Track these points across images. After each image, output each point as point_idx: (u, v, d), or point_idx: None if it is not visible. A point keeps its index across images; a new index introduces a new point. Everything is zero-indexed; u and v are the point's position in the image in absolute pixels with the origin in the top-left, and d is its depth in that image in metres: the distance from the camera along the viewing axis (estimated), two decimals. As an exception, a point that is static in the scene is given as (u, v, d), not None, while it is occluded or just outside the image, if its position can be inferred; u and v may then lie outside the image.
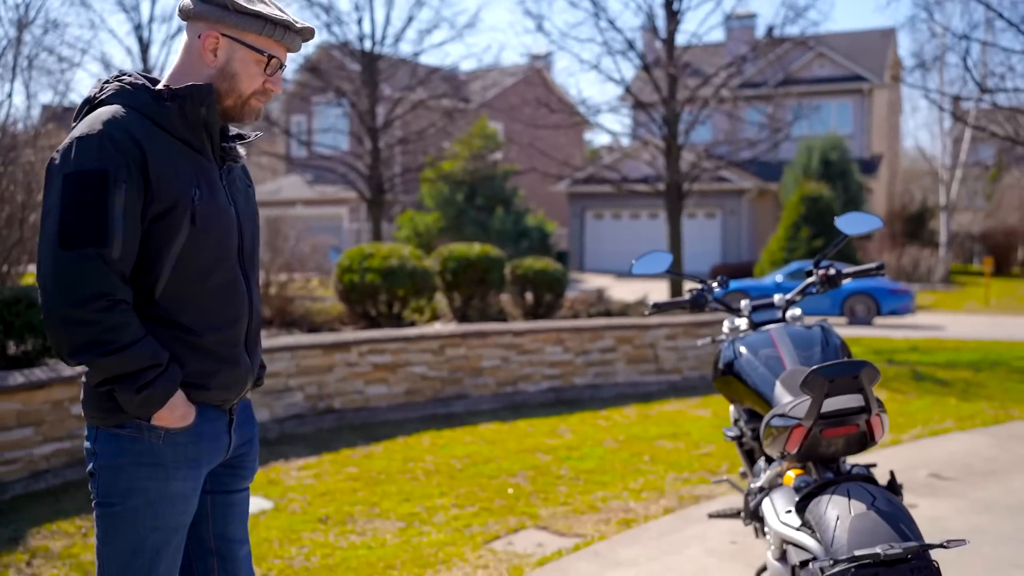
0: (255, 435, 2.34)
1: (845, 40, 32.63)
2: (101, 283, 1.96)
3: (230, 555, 2.27)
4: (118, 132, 2.00)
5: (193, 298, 2.09)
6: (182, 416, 2.07)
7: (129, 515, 2.07)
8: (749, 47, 14.75)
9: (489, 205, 27.76)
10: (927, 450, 6.46)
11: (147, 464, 2.07)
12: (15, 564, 4.30)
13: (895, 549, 2.41)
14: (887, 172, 33.52)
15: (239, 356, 2.17)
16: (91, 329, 1.95)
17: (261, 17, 2.09)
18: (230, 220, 2.15)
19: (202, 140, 2.11)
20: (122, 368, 1.98)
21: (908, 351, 12.42)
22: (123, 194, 1.97)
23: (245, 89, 2.13)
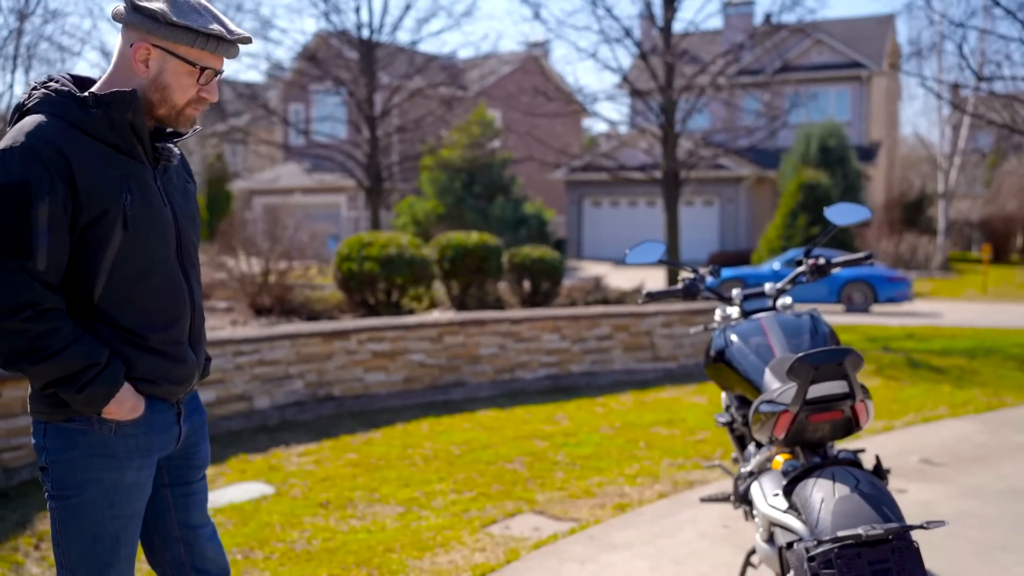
0: (204, 424, 2.42)
1: (843, 27, 32.62)
2: (25, 294, 1.99)
3: (194, 540, 2.36)
4: (41, 143, 2.01)
5: (133, 301, 2.14)
6: (132, 408, 2.13)
7: (87, 506, 2.14)
8: (746, 35, 14.77)
9: (488, 193, 27.81)
10: (919, 436, 6.55)
11: (100, 455, 2.14)
12: (23, 547, 4.40)
13: (876, 530, 2.49)
14: (885, 159, 33.57)
15: (184, 353, 2.23)
16: (22, 338, 2.00)
17: (192, 30, 2.08)
18: (166, 221, 2.18)
19: (132, 144, 2.13)
20: (58, 372, 2.04)
21: (904, 338, 12.51)
22: (47, 206, 2.00)
23: (178, 100, 2.15)
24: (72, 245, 2.07)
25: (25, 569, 4.14)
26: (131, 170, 2.13)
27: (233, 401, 6.81)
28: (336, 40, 17.42)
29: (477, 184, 27.71)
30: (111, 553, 2.18)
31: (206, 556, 2.38)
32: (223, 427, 6.68)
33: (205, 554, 2.38)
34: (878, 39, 32.38)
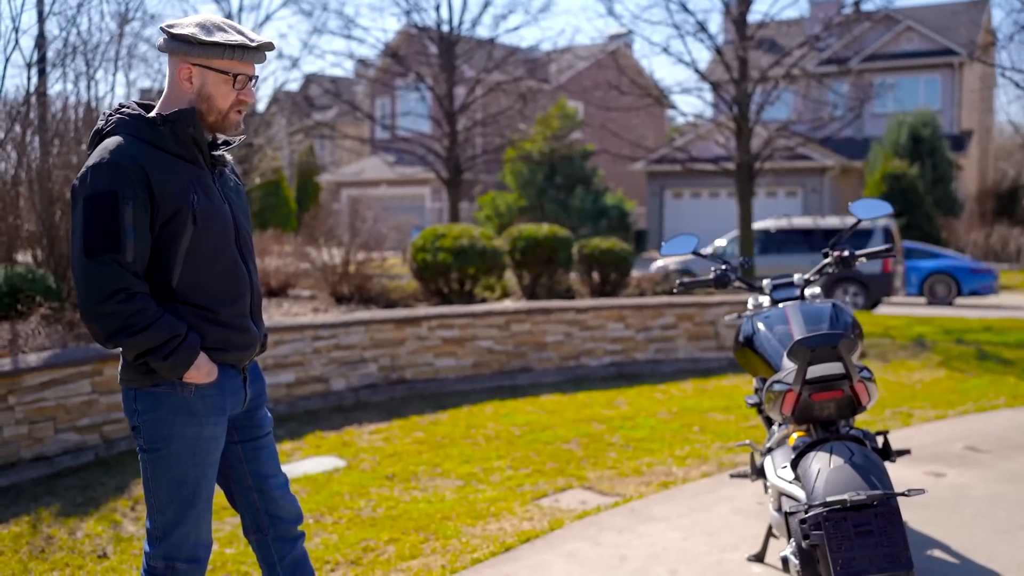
0: (264, 391, 2.84)
1: (934, 13, 31.81)
2: (119, 281, 2.45)
3: (266, 488, 2.78)
4: (122, 158, 2.46)
5: (204, 283, 2.57)
6: (207, 374, 2.56)
7: (173, 457, 2.58)
8: (822, 24, 14.72)
9: (569, 185, 28.07)
10: (969, 424, 6.65)
11: (183, 414, 2.57)
12: (120, 508, 4.92)
13: (860, 496, 2.77)
14: (978, 149, 32.65)
15: (247, 324, 2.67)
16: (116, 318, 2.45)
17: (219, 45, 2.50)
18: (225, 215, 2.62)
19: (194, 153, 2.57)
20: (148, 343, 2.47)
21: (980, 330, 12.38)
22: (131, 208, 2.45)
23: (222, 106, 2.57)
24: (153, 240, 2.52)
25: (122, 527, 4.65)
26: (195, 175, 2.57)
27: (311, 383, 7.30)
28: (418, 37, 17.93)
29: (558, 176, 27.99)
30: (194, 495, 2.62)
31: (278, 503, 2.80)
32: (301, 406, 7.18)
33: (277, 501, 2.80)
34: (971, 25, 31.48)
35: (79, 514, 4.82)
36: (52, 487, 5.28)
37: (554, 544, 4.28)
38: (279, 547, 2.81)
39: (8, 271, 6.86)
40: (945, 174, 26.96)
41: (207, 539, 2.69)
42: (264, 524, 2.80)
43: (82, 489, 5.25)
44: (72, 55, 8.66)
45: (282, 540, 2.81)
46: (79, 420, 5.79)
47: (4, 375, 5.38)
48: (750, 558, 4.01)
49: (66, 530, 4.58)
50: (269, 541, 2.81)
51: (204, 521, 2.66)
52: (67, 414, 5.72)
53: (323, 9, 17.22)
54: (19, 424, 5.47)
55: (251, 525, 2.82)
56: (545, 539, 4.35)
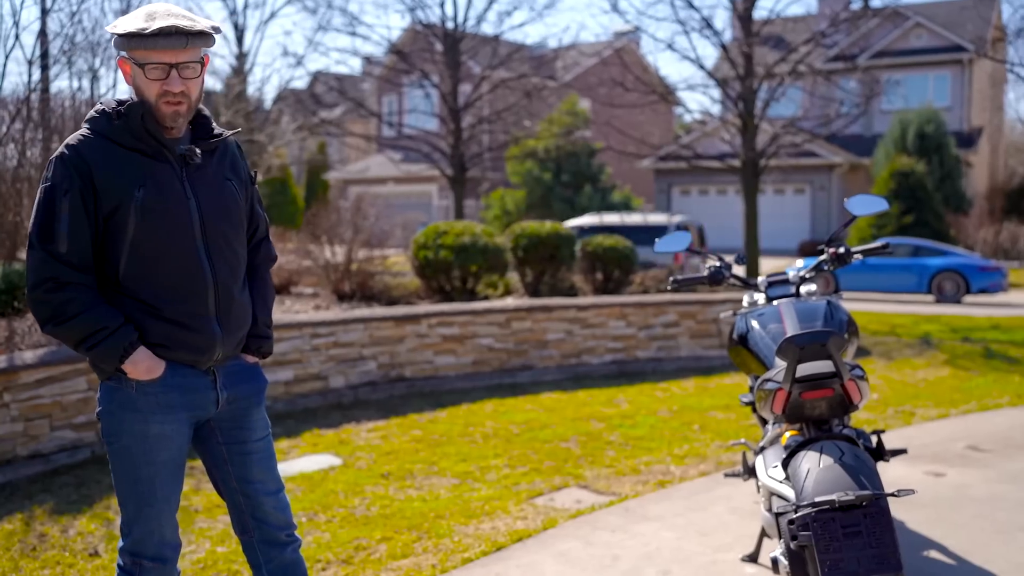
0: (256, 394, 2.73)
1: (943, 9, 31.63)
2: (49, 271, 2.46)
3: (253, 493, 2.71)
4: (69, 151, 2.49)
5: (149, 277, 2.52)
6: (147, 370, 2.50)
7: (124, 452, 2.56)
8: (829, 21, 14.62)
9: (576, 182, 28.01)
10: (972, 424, 6.59)
11: (128, 410, 2.54)
12: (114, 507, 4.91)
13: (849, 496, 2.72)
14: (988, 146, 32.47)
15: (203, 325, 2.55)
16: (46, 306, 2.48)
17: (121, 36, 2.45)
18: (182, 211, 2.53)
19: (154, 147, 2.52)
20: (75, 333, 2.47)
21: (988, 329, 12.29)
22: (68, 201, 2.45)
23: (150, 96, 2.49)
24: (100, 232, 2.50)
25: (115, 525, 4.63)
26: (150, 169, 2.51)
27: (310, 380, 7.28)
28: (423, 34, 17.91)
29: (565, 173, 27.94)
30: (149, 493, 2.57)
31: (264, 508, 2.73)
32: (300, 404, 7.16)
33: (264, 507, 2.72)
34: (981, 21, 31.29)
35: (72, 512, 4.80)
36: (47, 485, 5.26)
37: (546, 544, 4.24)
38: (264, 550, 2.76)
39: (6, 268, 6.85)
40: (953, 171, 26.80)
41: (173, 539, 2.65)
42: (249, 526, 2.75)
43: (77, 487, 5.23)
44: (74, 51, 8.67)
45: (268, 543, 2.76)
46: (75, 417, 5.78)
47: (0, 372, 5.37)
48: (744, 558, 3.96)
49: (59, 528, 4.56)
50: (255, 543, 2.76)
51: (167, 521, 2.62)
52: (63, 411, 5.71)
53: (328, 6, 17.19)
54: (15, 421, 5.45)
55: (237, 525, 2.78)
56: (537, 538, 4.31)
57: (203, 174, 2.61)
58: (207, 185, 2.61)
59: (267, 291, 2.81)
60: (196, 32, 2.46)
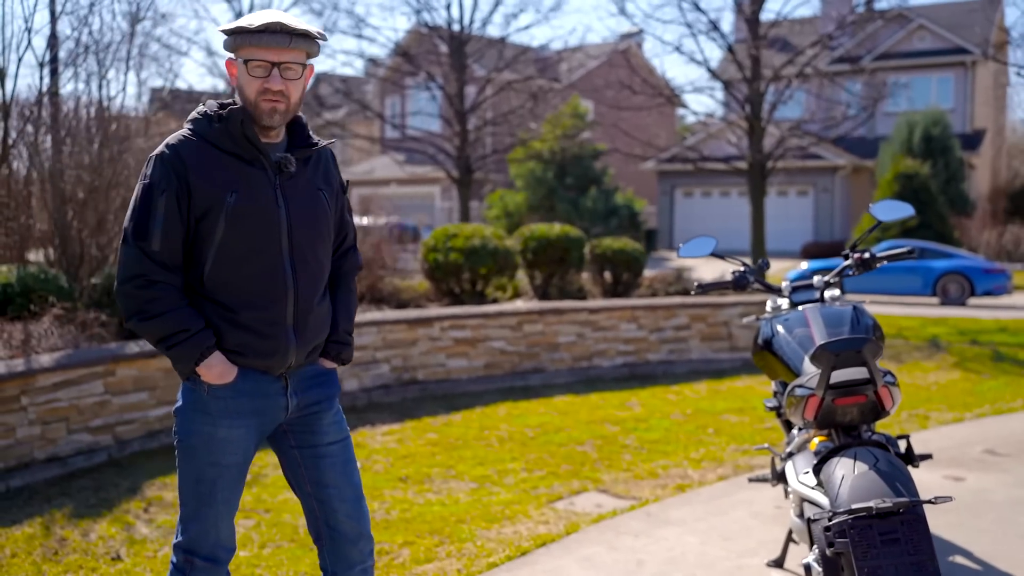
0: (327, 399, 2.72)
1: (947, 11, 31.65)
2: (139, 268, 2.50)
3: (326, 498, 2.71)
4: (169, 151, 2.52)
5: (232, 282, 2.54)
6: (219, 375, 2.53)
7: (191, 451, 2.60)
8: (836, 23, 14.63)
9: (579, 184, 28.01)
10: (987, 427, 6.59)
11: (199, 411, 2.58)
12: (134, 510, 4.90)
13: (886, 503, 2.72)
14: (991, 148, 32.47)
15: (279, 333, 2.56)
16: (133, 301, 2.51)
17: (228, 33, 2.49)
18: (271, 218, 2.54)
19: (252, 152, 2.54)
20: (157, 331, 2.51)
21: (995, 331, 12.30)
22: (164, 200, 2.49)
23: (250, 94, 2.51)
24: (191, 233, 2.53)
25: (135, 529, 4.63)
26: (245, 174, 2.54)
27: (324, 383, 7.28)
28: (429, 36, 17.90)
29: (568, 175, 27.93)
30: (209, 495, 2.60)
31: (337, 515, 2.71)
32: (314, 407, 7.16)
33: (338, 514, 2.70)
34: (984, 23, 31.29)
35: (92, 516, 4.80)
36: (65, 488, 5.26)
37: (570, 548, 4.24)
38: (333, 561, 2.74)
39: (21, 271, 6.85)
40: (957, 173, 26.79)
41: (228, 542, 2.67)
42: (322, 534, 2.75)
43: (95, 490, 5.23)
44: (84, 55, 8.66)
45: (337, 557, 2.73)
46: (92, 421, 5.78)
47: (17, 376, 5.36)
48: (770, 563, 3.96)
49: (79, 532, 4.56)
50: (326, 553, 2.76)
51: (223, 523, 2.64)
52: (80, 415, 5.71)
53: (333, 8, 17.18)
54: (32, 425, 5.45)
55: (312, 531, 2.79)
56: (561, 543, 4.31)
57: (296, 183, 2.62)
58: (299, 194, 2.62)
59: (351, 299, 2.82)
60: (300, 32, 2.49)
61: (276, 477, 5.49)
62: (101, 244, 7.86)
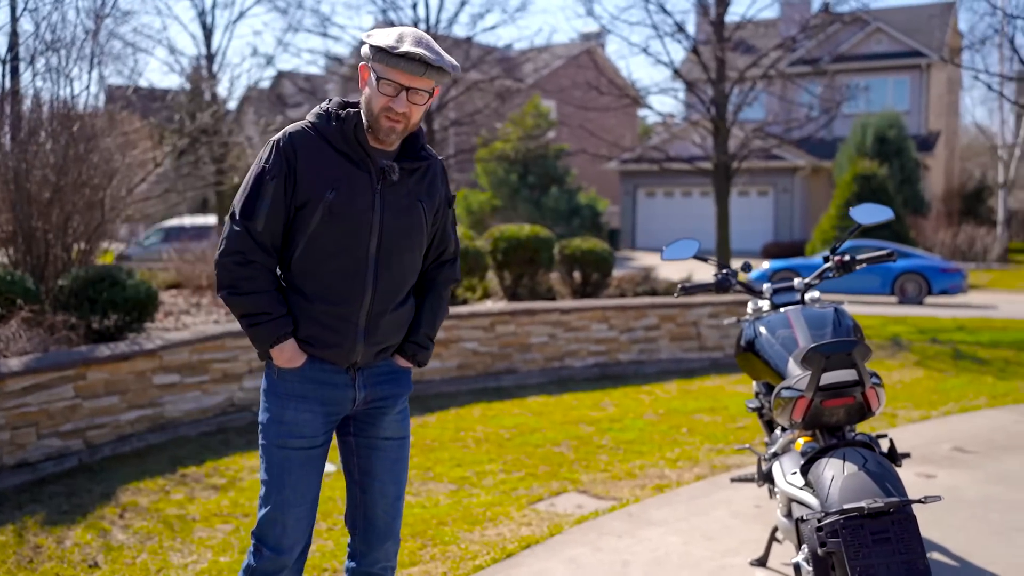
0: (394, 396, 2.80)
1: (902, 15, 32.21)
2: (241, 244, 2.62)
3: (370, 489, 2.80)
4: (284, 140, 2.64)
5: (315, 273, 2.65)
6: (288, 359, 2.65)
7: (264, 430, 2.72)
8: (799, 26, 14.82)
9: (542, 184, 28.09)
10: (954, 425, 6.72)
11: (271, 394, 2.71)
12: (108, 516, 4.83)
13: (878, 503, 2.77)
14: (945, 149, 33.09)
15: (347, 330, 2.65)
16: (228, 274, 2.64)
17: (383, 51, 2.56)
18: (365, 220, 2.63)
19: (361, 155, 2.64)
20: (244, 308, 2.63)
21: (954, 330, 12.54)
22: (273, 185, 2.61)
23: (375, 108, 2.60)
24: (290, 219, 2.64)
25: (112, 536, 4.56)
26: (349, 174, 2.63)
27: (297, 385, 7.22)
28: (393, 35, 17.78)
29: (531, 175, 28.00)
30: (278, 477, 2.67)
31: (376, 508, 2.80)
32: (287, 409, 7.10)
33: (376, 508, 2.80)
34: (938, 27, 31.89)
35: (66, 522, 4.72)
36: (36, 494, 5.17)
37: (555, 550, 4.25)
38: (362, 552, 2.83)
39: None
40: (912, 174, 27.28)
41: (294, 535, 2.69)
42: (358, 525, 2.84)
43: (67, 496, 5.14)
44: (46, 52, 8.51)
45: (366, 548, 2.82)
46: (62, 425, 5.68)
47: (-14, 380, 5.26)
48: (753, 563, 4.01)
49: (53, 539, 4.48)
50: (356, 545, 2.85)
51: (291, 512, 2.67)
52: (50, 419, 5.61)
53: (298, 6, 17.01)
54: (1, 430, 5.35)
55: (349, 520, 2.87)
56: (545, 545, 4.32)
57: (397, 190, 2.69)
58: (397, 202, 2.69)
59: (439, 305, 2.86)
60: (436, 66, 2.56)
61: (252, 481, 5.45)
62: (67, 245, 7.74)
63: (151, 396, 6.25)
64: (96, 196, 7.88)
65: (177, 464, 5.77)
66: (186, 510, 4.93)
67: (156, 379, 6.28)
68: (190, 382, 6.52)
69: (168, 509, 4.94)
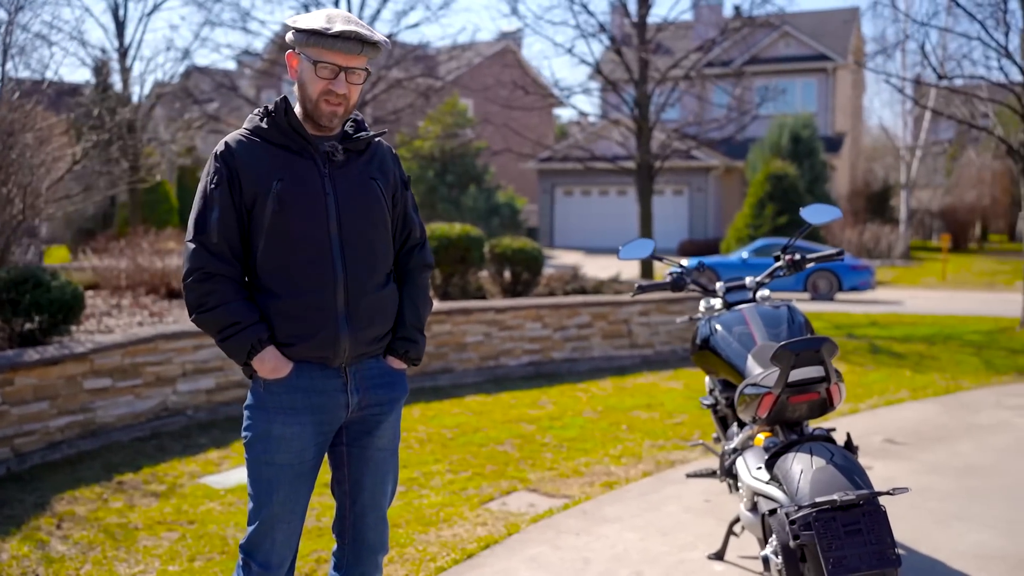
0: (391, 402, 2.71)
1: (810, 19, 33.17)
2: (199, 262, 2.53)
3: (360, 500, 2.72)
4: (222, 147, 2.60)
5: (281, 268, 2.56)
6: (272, 369, 2.54)
7: (250, 448, 2.61)
8: (718, 29, 15.13)
9: (460, 182, 28.05)
10: (882, 418, 6.97)
11: (257, 408, 2.60)
12: (45, 527, 4.65)
13: (849, 496, 2.86)
14: (850, 150, 34.23)
15: (327, 319, 2.55)
16: (193, 294, 2.55)
17: (303, 31, 2.51)
18: (319, 204, 2.56)
19: (300, 143, 2.59)
20: (212, 324, 2.55)
21: (867, 325, 12.99)
22: (218, 194, 2.55)
23: (312, 93, 2.56)
24: (246, 223, 2.57)
25: (51, 547, 4.39)
26: (292, 163, 2.58)
27: (232, 388, 7.07)
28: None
29: (450, 174, 27.94)
30: (267, 494, 2.58)
31: (367, 522, 2.72)
32: (223, 412, 6.95)
33: (366, 519, 2.72)
34: (844, 32, 32.97)
35: (0, 534, 4.52)
36: (-35, 506, 4.94)
37: (515, 549, 4.26)
38: (349, 563, 2.77)
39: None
40: (821, 175, 28.14)
41: (283, 548, 2.62)
42: (346, 535, 2.76)
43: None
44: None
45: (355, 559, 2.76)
46: (-11, 433, 5.44)
47: (-91, 387, 5.00)
48: (710, 556, 4.08)
49: (-11, 552, 4.30)
50: (345, 552, 2.78)
51: (280, 527, 2.60)
52: (-24, 427, 5.37)
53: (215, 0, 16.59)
54: (-75, 439, 5.10)
55: (337, 529, 2.80)
56: (505, 544, 4.33)
57: (347, 172, 2.64)
58: (349, 182, 2.63)
59: (419, 295, 2.77)
60: (371, 42, 2.53)
61: (193, 487, 5.32)
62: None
63: (82, 401, 6.04)
64: (13, 193, 7.58)
65: (112, 471, 5.59)
66: (127, 518, 4.78)
67: (87, 384, 6.07)
68: (122, 386, 6.32)
69: (108, 518, 4.78)
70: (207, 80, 19.13)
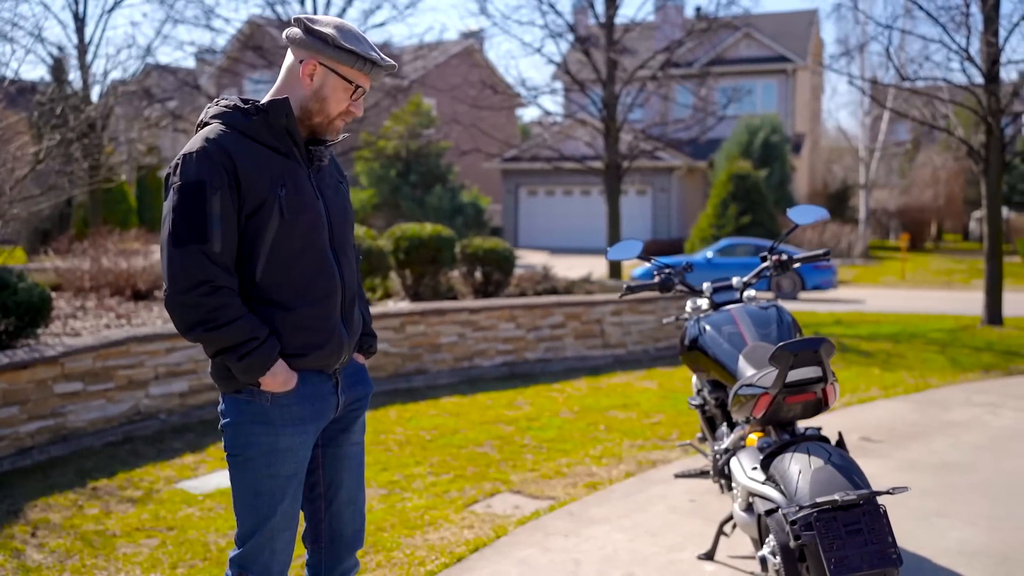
0: (365, 397, 2.71)
1: (771, 21, 33.50)
2: (204, 273, 2.36)
3: (336, 499, 2.68)
4: (213, 147, 2.40)
5: (286, 279, 2.46)
6: (283, 382, 2.46)
7: (249, 464, 2.50)
8: (684, 30, 15.22)
9: (424, 182, 27.94)
10: (856, 416, 7.04)
11: (260, 423, 2.48)
12: (19, 535, 4.54)
13: (850, 496, 2.87)
14: (810, 151, 34.65)
15: (333, 327, 2.52)
16: (198, 310, 2.36)
17: (355, 54, 2.45)
18: (316, 211, 2.51)
19: (288, 146, 2.49)
20: (226, 341, 2.38)
21: (832, 324, 13.14)
22: (218, 198, 2.37)
23: (332, 110, 2.50)
24: (240, 232, 2.42)
25: (27, 556, 4.29)
26: (287, 168, 2.48)
27: (205, 391, 6.96)
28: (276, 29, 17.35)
29: (413, 173, 27.81)
30: (269, 507, 2.51)
31: (344, 519, 2.70)
32: (196, 416, 6.84)
33: (343, 516, 2.70)
34: (803, 34, 33.36)
35: (-27, 544, 4.41)
36: (-66, 515, 4.81)
37: (504, 552, 4.24)
38: (327, 565, 2.73)
39: None
40: (784, 176, 28.45)
41: (283, 559, 2.57)
42: (321, 537, 2.71)
43: (-31, 516, 4.81)
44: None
45: (333, 561, 2.73)
46: (-42, 440, 5.31)
47: None
48: (701, 556, 4.09)
49: (-37, 562, 4.18)
50: (321, 554, 2.72)
51: (281, 539, 2.54)
52: (-55, 433, 5.23)
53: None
54: None
55: (310, 534, 2.73)
56: (494, 547, 4.30)
57: (323, 176, 2.60)
58: (328, 186, 2.59)
59: (362, 291, 2.78)
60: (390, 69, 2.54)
61: (170, 492, 5.22)
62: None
63: (53, 406, 5.91)
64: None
65: (86, 477, 5.48)
66: (104, 525, 4.68)
67: (58, 388, 5.94)
68: (94, 390, 6.19)
69: (84, 525, 4.68)
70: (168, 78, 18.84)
